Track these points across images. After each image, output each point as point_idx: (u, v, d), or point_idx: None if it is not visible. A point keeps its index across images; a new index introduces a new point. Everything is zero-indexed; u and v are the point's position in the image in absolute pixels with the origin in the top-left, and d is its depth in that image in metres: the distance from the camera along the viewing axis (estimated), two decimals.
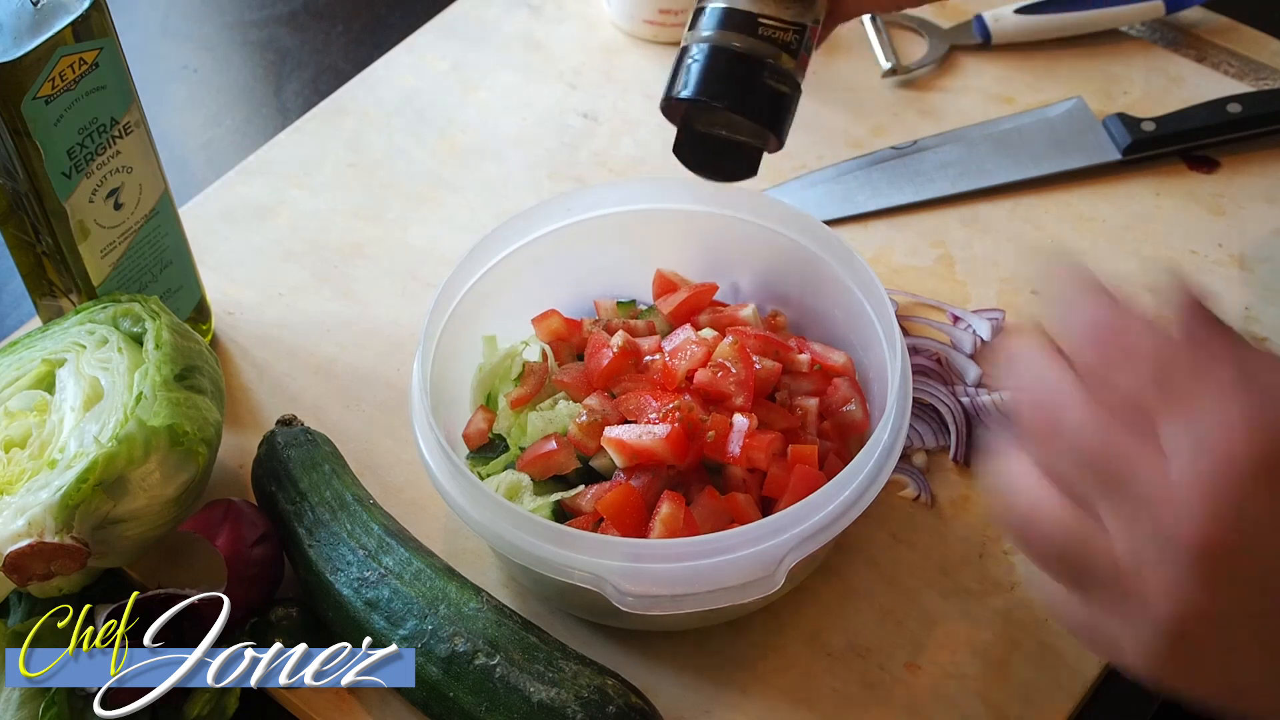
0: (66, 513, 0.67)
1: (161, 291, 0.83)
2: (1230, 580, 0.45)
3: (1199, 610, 0.45)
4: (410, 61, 1.06)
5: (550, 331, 0.79)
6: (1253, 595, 0.45)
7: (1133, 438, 0.47)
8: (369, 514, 0.74)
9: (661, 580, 0.66)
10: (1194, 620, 0.46)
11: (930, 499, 0.79)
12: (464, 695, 0.66)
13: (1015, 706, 0.70)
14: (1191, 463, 0.45)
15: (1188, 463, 0.45)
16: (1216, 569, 0.45)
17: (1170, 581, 0.45)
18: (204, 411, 0.72)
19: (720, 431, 0.71)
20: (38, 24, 0.69)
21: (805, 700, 0.71)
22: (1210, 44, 1.04)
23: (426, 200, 0.97)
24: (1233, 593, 0.45)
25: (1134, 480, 0.47)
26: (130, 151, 0.77)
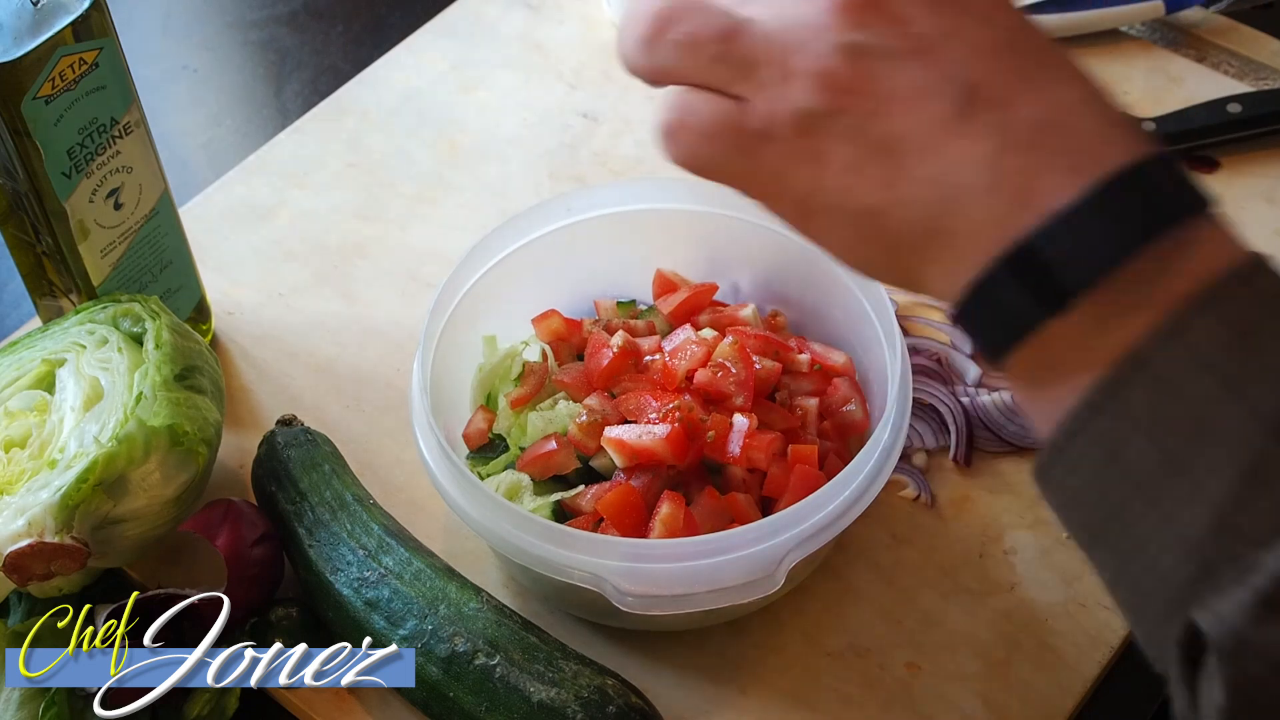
0: (66, 513, 0.67)
1: (161, 291, 0.83)
2: (886, 27, 0.46)
3: (849, 75, 0.46)
4: (410, 61, 1.06)
5: (550, 331, 0.79)
6: (904, 38, 0.46)
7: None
8: (369, 514, 0.74)
9: (661, 580, 0.66)
10: (845, 87, 0.46)
11: (930, 499, 0.79)
12: (464, 695, 0.66)
13: (1015, 706, 0.70)
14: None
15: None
16: (868, 17, 0.46)
17: (820, 53, 0.46)
18: (204, 411, 0.72)
19: (720, 431, 0.71)
20: (38, 24, 0.69)
21: (805, 700, 0.71)
22: (1210, 44, 1.04)
23: (426, 200, 0.97)
24: (882, 39, 0.46)
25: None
26: (130, 151, 0.77)
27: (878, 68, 0.46)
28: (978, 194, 0.45)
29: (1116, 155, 0.44)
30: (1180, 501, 0.43)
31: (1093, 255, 0.44)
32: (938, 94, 0.45)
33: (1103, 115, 0.46)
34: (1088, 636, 0.73)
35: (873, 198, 0.46)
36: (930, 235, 0.46)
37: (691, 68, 0.49)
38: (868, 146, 0.46)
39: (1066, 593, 0.74)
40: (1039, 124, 0.45)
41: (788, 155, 0.47)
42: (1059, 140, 0.45)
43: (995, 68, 0.46)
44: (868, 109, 0.46)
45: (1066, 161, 0.44)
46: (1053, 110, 0.45)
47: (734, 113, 0.48)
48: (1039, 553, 0.76)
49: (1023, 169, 0.45)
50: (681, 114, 0.49)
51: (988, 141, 0.45)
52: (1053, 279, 0.44)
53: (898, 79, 0.46)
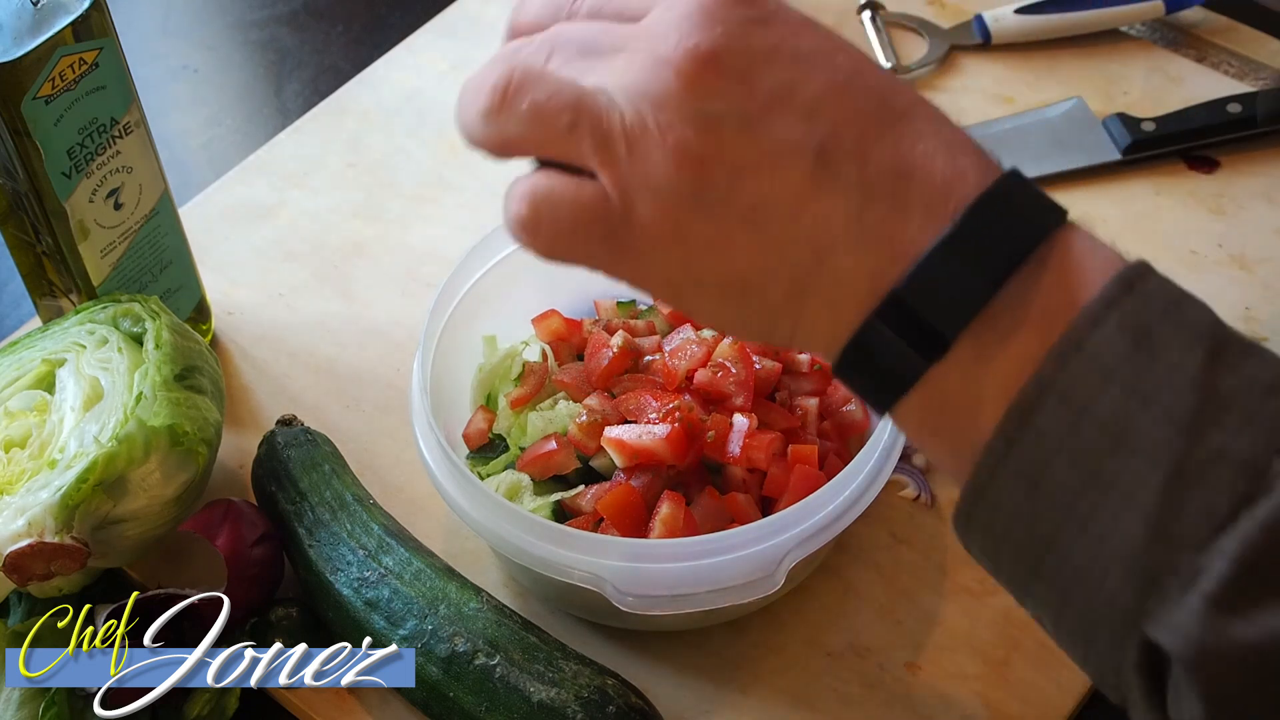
0: (66, 513, 0.67)
1: (161, 291, 0.83)
2: (734, 90, 0.45)
3: (703, 146, 0.45)
4: (410, 61, 1.06)
5: (550, 331, 0.79)
6: (752, 100, 0.45)
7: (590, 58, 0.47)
8: (369, 514, 0.74)
9: (661, 580, 0.66)
10: (700, 159, 0.45)
11: (930, 499, 0.79)
12: (464, 695, 0.66)
13: (1015, 706, 0.70)
14: (659, 17, 0.46)
15: (658, 16, 0.46)
16: (715, 83, 0.45)
17: (672, 127, 0.45)
18: (204, 411, 0.72)
19: (720, 431, 0.71)
20: (38, 24, 0.69)
21: (805, 700, 0.71)
22: (1210, 44, 1.04)
23: (426, 200, 0.97)
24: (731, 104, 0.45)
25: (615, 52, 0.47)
26: (130, 151, 0.77)
27: (730, 135, 0.45)
28: (844, 250, 0.45)
29: (968, 187, 0.44)
30: (1111, 518, 0.42)
31: (961, 295, 0.44)
32: (793, 154, 0.45)
33: (950, 148, 0.45)
34: None
35: (741, 268, 0.46)
36: (802, 296, 0.46)
37: (540, 139, 0.47)
38: (730, 218, 0.45)
39: None
40: (894, 172, 0.45)
41: (650, 236, 0.46)
42: (914, 186, 0.45)
43: (844, 117, 0.45)
44: (726, 179, 0.45)
45: (923, 206, 0.44)
46: (905, 155, 0.45)
47: (593, 199, 0.47)
48: None
49: (883, 220, 0.44)
50: (536, 205, 0.48)
51: (848, 197, 0.45)
52: (926, 326, 0.44)
53: (752, 144, 0.45)
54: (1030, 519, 0.44)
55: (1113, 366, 0.42)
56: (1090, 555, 0.43)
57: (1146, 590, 0.42)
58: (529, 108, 0.47)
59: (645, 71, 0.45)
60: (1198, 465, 0.41)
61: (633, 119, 0.45)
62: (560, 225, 0.48)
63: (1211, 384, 0.42)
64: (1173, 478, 0.41)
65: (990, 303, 0.44)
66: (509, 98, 0.48)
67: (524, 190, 0.48)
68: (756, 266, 0.46)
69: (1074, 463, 0.43)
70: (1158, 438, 0.42)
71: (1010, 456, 0.43)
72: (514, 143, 0.49)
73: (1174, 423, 0.42)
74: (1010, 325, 0.44)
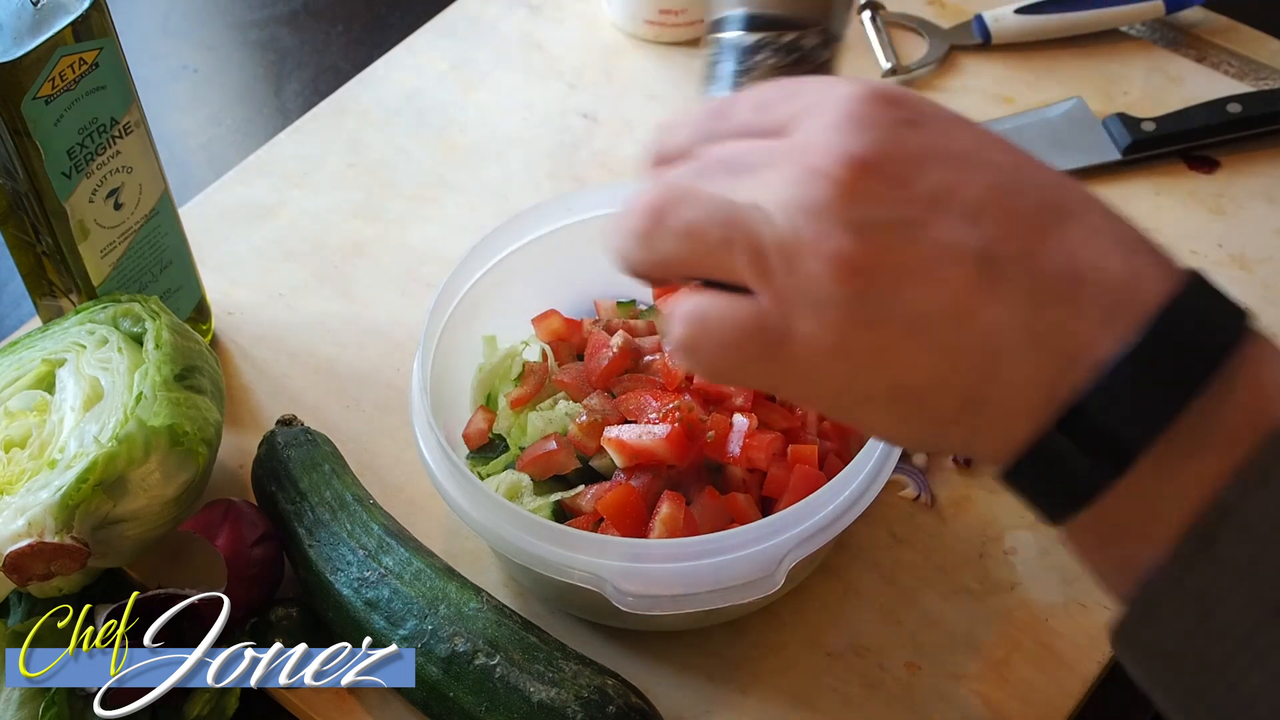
0: (66, 513, 0.67)
1: (161, 291, 0.83)
2: (890, 195, 0.43)
3: (863, 254, 0.43)
4: (410, 61, 1.06)
5: (550, 331, 0.79)
6: (910, 204, 0.43)
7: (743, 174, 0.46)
8: (369, 514, 0.74)
9: (661, 580, 0.66)
10: (860, 268, 0.43)
11: (930, 499, 0.79)
12: (464, 695, 0.66)
13: (1015, 706, 0.70)
14: (808, 128, 0.45)
15: (807, 128, 0.45)
16: (871, 187, 0.43)
17: (829, 236, 0.43)
18: (204, 411, 0.72)
19: (720, 431, 0.71)
20: (38, 24, 0.69)
21: (805, 700, 0.71)
22: (1210, 44, 1.04)
23: (426, 200, 0.97)
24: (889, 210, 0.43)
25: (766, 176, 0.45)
26: (130, 151, 0.77)
27: (889, 240, 0.43)
28: (1017, 356, 0.43)
29: (1148, 294, 0.42)
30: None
31: (1149, 409, 0.41)
32: (956, 260, 0.43)
33: (1125, 247, 0.44)
34: (1088, 636, 0.73)
35: (909, 379, 0.44)
36: (974, 405, 0.44)
37: (694, 258, 0.46)
38: (895, 328, 0.43)
39: (1066, 593, 0.74)
40: (1065, 274, 0.43)
41: (813, 351, 0.44)
42: (1088, 287, 0.42)
43: (1008, 218, 0.43)
44: (888, 288, 0.43)
45: (1100, 309, 0.42)
46: (1076, 256, 0.43)
47: (751, 315, 0.45)
48: (1039, 553, 0.76)
49: (1058, 325, 0.42)
50: (695, 326, 0.47)
51: (1017, 301, 0.43)
52: (1112, 439, 0.42)
53: (912, 250, 0.43)
54: (1200, 646, 0.42)
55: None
56: (1262, 688, 0.41)
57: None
58: (682, 226, 0.46)
59: (798, 183, 0.44)
60: None
61: (787, 231, 0.44)
62: (720, 347, 0.46)
63: None
64: None
65: (1177, 417, 0.42)
66: (662, 217, 0.47)
67: (683, 313, 0.47)
68: (925, 377, 0.44)
69: (1253, 595, 0.41)
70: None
71: (1185, 582, 0.42)
72: (669, 263, 0.47)
73: None
74: (1195, 444, 0.42)
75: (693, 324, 0.47)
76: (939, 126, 0.45)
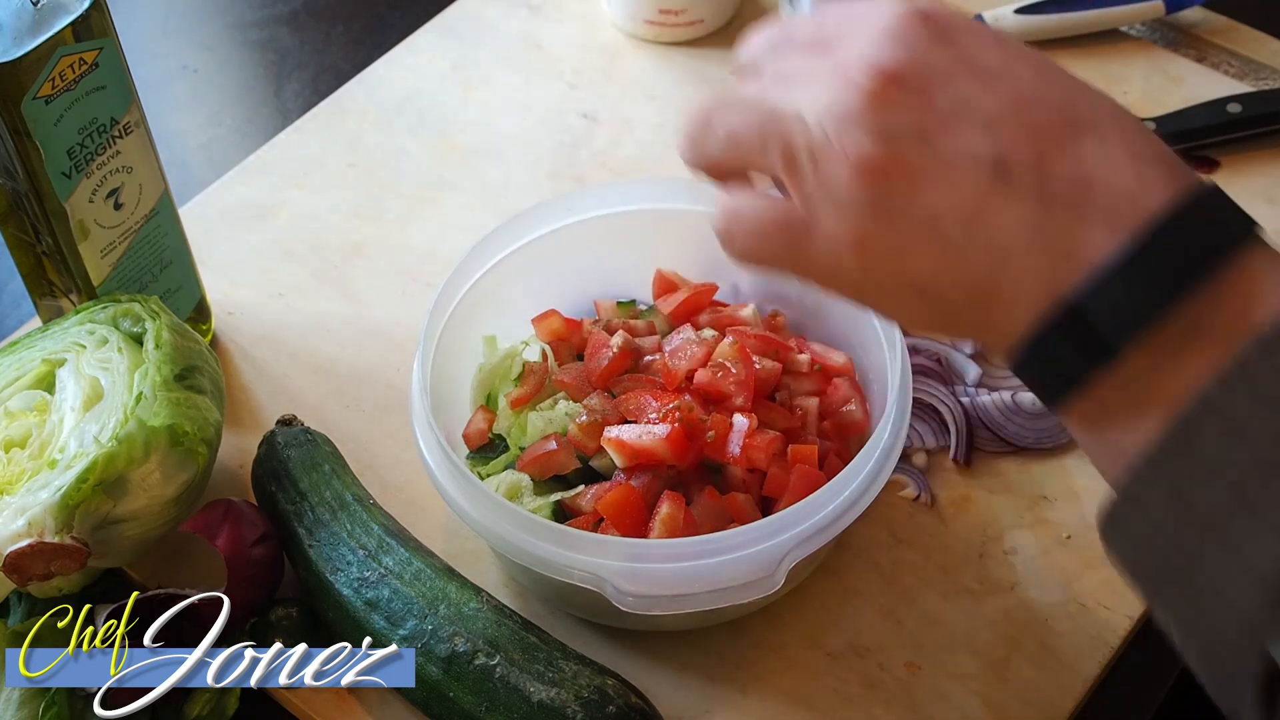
0: (66, 513, 0.67)
1: (161, 291, 0.83)
2: (913, 104, 0.47)
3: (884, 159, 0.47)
4: (410, 61, 1.06)
5: (550, 331, 0.79)
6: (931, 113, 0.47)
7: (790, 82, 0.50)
8: (369, 514, 0.74)
9: (661, 580, 0.66)
10: (880, 171, 0.47)
11: (930, 499, 0.79)
12: (464, 695, 0.66)
13: (1015, 706, 0.70)
14: (851, 44, 0.48)
15: (850, 43, 0.49)
16: (896, 97, 0.47)
17: (853, 141, 0.47)
18: (204, 411, 0.72)
19: (720, 431, 0.71)
20: (38, 24, 0.69)
21: (805, 700, 0.71)
22: (1210, 44, 1.04)
23: (426, 200, 0.97)
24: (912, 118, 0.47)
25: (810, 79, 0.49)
26: (130, 151, 0.77)
27: (909, 146, 0.47)
28: (1022, 255, 0.46)
29: (1153, 199, 0.45)
30: (1254, 540, 0.43)
31: (1134, 308, 0.45)
32: (971, 165, 0.46)
33: (1138, 159, 0.46)
34: (1088, 636, 0.73)
35: (922, 274, 0.48)
36: (981, 299, 0.47)
37: (737, 157, 0.52)
38: (909, 226, 0.47)
39: (1066, 593, 0.74)
40: (1076, 181, 0.46)
41: (834, 245, 0.49)
42: (1096, 195, 0.46)
43: (1023, 129, 0.46)
44: (905, 190, 0.47)
45: (1106, 216, 0.45)
46: (1088, 165, 0.46)
47: (779, 210, 0.50)
48: (1039, 553, 0.76)
49: (1064, 228, 0.46)
50: (730, 218, 0.52)
51: (1027, 205, 0.46)
52: (1097, 334, 0.45)
53: (930, 155, 0.47)
54: (1176, 530, 0.45)
55: (1277, 397, 0.43)
56: (1228, 572, 0.43)
57: (1277, 609, 0.42)
58: (724, 131, 0.52)
59: (833, 92, 0.48)
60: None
61: (818, 135, 0.48)
62: (750, 236, 0.52)
63: None
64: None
65: (1163, 317, 0.44)
66: (708, 122, 0.52)
67: (722, 206, 0.53)
68: (935, 273, 0.48)
69: (1228, 486, 0.43)
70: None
71: (1165, 469, 0.44)
72: (719, 163, 0.53)
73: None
74: (1183, 340, 0.44)
75: (728, 215, 0.52)
76: (970, 42, 0.48)
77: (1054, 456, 0.80)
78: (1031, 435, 0.80)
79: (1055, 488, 0.79)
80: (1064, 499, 0.78)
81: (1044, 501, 0.78)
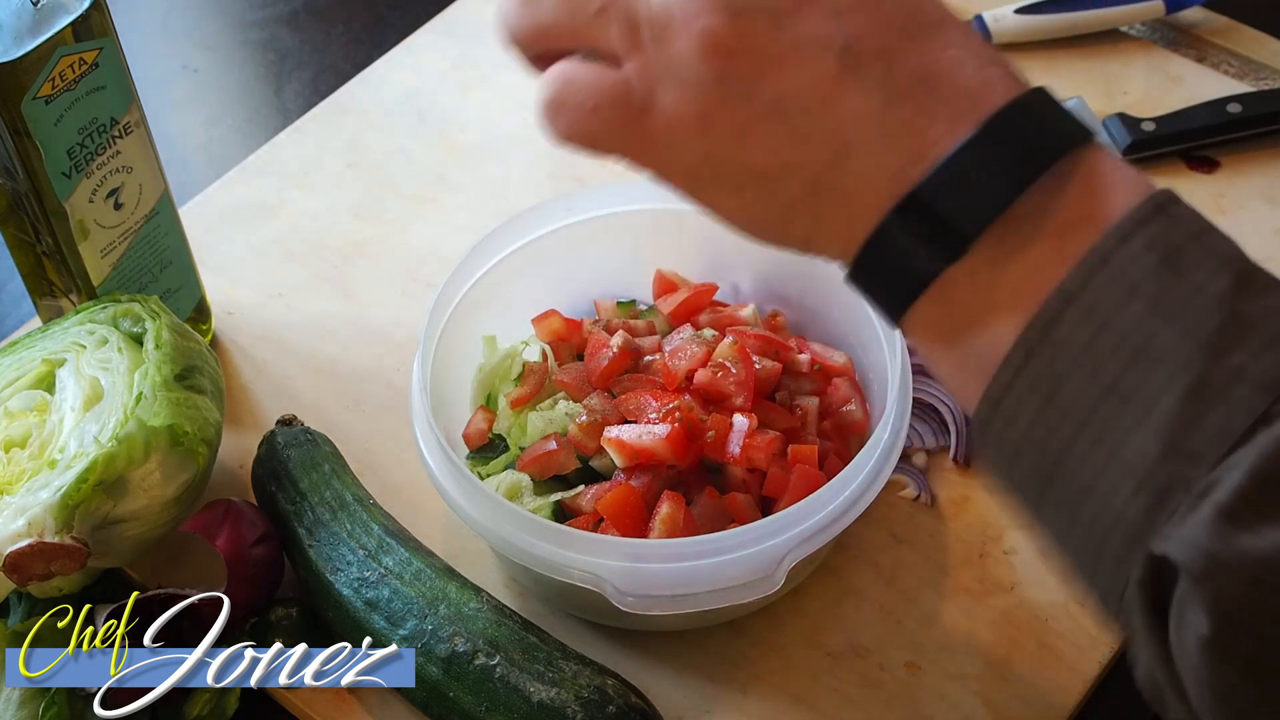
0: (66, 513, 0.67)
1: (161, 291, 0.83)
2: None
3: (731, 36, 0.45)
4: (410, 61, 1.06)
5: (550, 331, 0.79)
6: None
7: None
8: (369, 514, 0.74)
9: (661, 580, 0.66)
10: (727, 49, 0.45)
11: (930, 499, 0.79)
12: (464, 695, 0.66)
13: (1015, 706, 0.70)
14: None
15: None
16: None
17: (702, 15, 0.45)
18: (204, 411, 0.72)
19: (720, 431, 0.71)
20: (38, 24, 0.69)
21: (805, 700, 0.71)
22: (1210, 44, 1.04)
23: (426, 200, 0.97)
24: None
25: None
26: (130, 151, 0.77)
27: (758, 26, 0.45)
28: (867, 148, 0.45)
29: (996, 98, 0.45)
30: (1126, 431, 0.42)
31: (982, 197, 0.44)
32: (820, 50, 0.45)
33: (980, 60, 0.46)
34: (1088, 636, 0.73)
35: (763, 160, 0.46)
36: (822, 193, 0.46)
37: (570, 25, 0.49)
38: (754, 109, 0.46)
39: (1066, 593, 0.74)
40: (921, 76, 0.45)
41: (673, 124, 0.47)
42: (941, 90, 0.45)
43: (872, 20, 0.46)
44: (751, 70, 0.46)
45: (949, 110, 0.45)
46: (932, 62, 0.46)
47: (616, 82, 0.48)
48: (1039, 553, 0.76)
49: (908, 121, 0.45)
50: (562, 87, 0.49)
51: (873, 96, 0.45)
52: (945, 225, 0.44)
53: (779, 37, 0.45)
54: (1045, 431, 0.44)
55: (1138, 282, 0.43)
56: (1102, 468, 0.43)
57: (1157, 505, 0.42)
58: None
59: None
60: (1217, 383, 0.41)
61: (661, 6, 0.46)
62: (582, 110, 0.48)
63: (1236, 307, 0.42)
64: (1191, 394, 0.42)
65: (1012, 206, 0.44)
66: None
67: (552, 74, 0.49)
68: (777, 159, 0.46)
69: (1092, 375, 0.43)
70: (1178, 354, 0.42)
71: (1028, 367, 0.44)
72: (548, 28, 0.49)
73: (1196, 340, 0.42)
74: (1031, 232, 0.44)
75: (560, 83, 0.49)
76: None
77: None
78: None
79: None
80: None
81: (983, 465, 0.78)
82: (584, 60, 0.49)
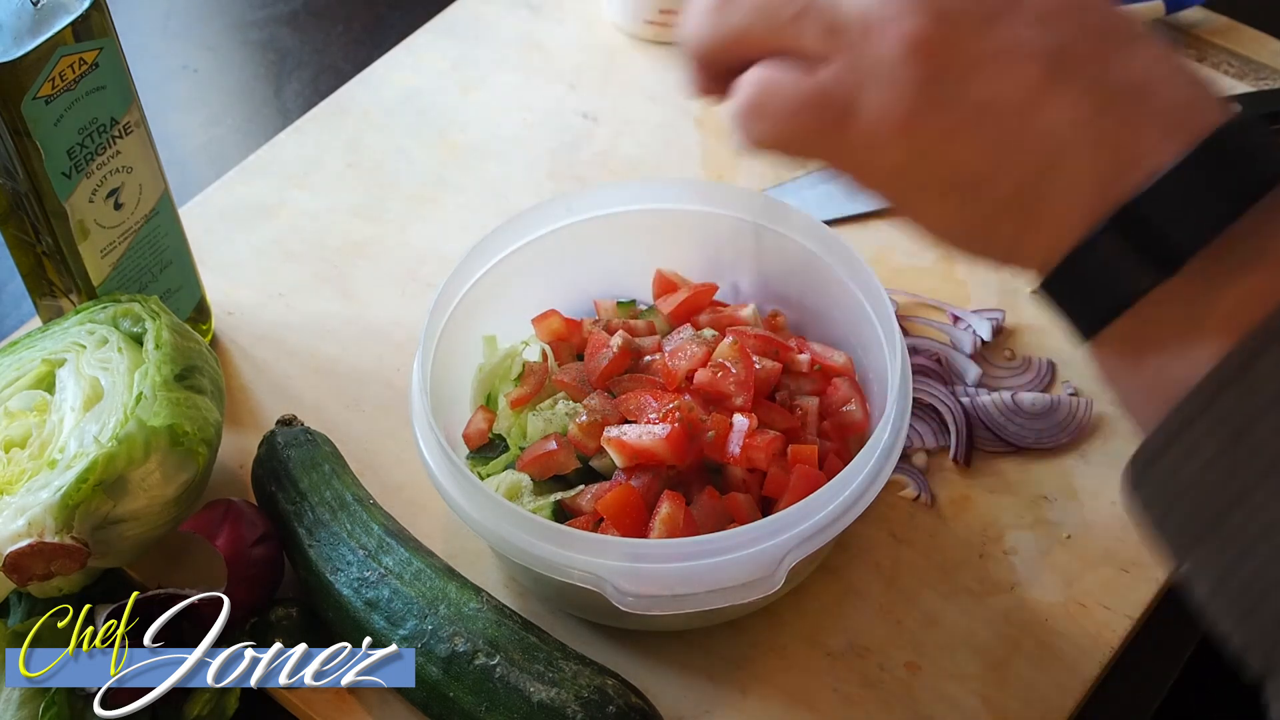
0: (66, 513, 0.67)
1: (161, 291, 0.83)
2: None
3: (939, 38, 0.44)
4: (410, 61, 1.06)
5: (550, 331, 0.79)
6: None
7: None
8: (369, 514, 0.74)
9: (661, 580, 0.66)
10: (935, 50, 0.44)
11: (930, 499, 0.79)
12: (464, 695, 0.66)
13: (1015, 706, 0.70)
14: None
15: None
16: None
17: (908, 15, 0.44)
18: (204, 411, 0.72)
19: (720, 431, 0.71)
20: (38, 24, 0.69)
21: (805, 700, 0.71)
22: (1210, 44, 1.04)
23: (426, 200, 0.97)
24: (976, 1, 0.45)
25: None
26: (130, 151, 0.77)
27: (965, 28, 0.44)
28: (1077, 155, 0.44)
29: (1209, 115, 0.44)
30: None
31: (1203, 215, 0.42)
32: (1027, 55, 0.44)
33: (1184, 76, 0.45)
34: (1088, 636, 0.73)
35: (968, 165, 0.45)
36: (1029, 200, 0.45)
37: (765, 29, 0.47)
38: (961, 112, 0.44)
39: (1066, 593, 0.74)
40: (1131, 86, 0.44)
41: (876, 127, 0.45)
42: (1151, 102, 0.44)
43: (1079, 28, 0.45)
44: (957, 73, 0.44)
45: (1162, 123, 0.44)
46: (1140, 73, 0.44)
47: (818, 85, 0.46)
48: (1039, 553, 0.76)
49: (1121, 129, 0.44)
50: (763, 89, 0.47)
51: (1082, 103, 0.44)
52: (1162, 240, 0.43)
53: (984, 40, 0.44)
54: (1226, 470, 0.42)
55: None
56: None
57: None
58: (752, 1, 0.47)
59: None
60: None
61: (862, 8, 0.45)
62: (783, 113, 0.47)
63: None
64: None
65: (1230, 227, 0.42)
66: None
67: (751, 78, 0.48)
68: (984, 165, 0.45)
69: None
70: None
71: (1219, 402, 0.42)
72: (741, 35, 0.48)
73: None
74: (1246, 257, 0.42)
75: (760, 87, 0.47)
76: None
77: (1054, 456, 0.80)
78: (1031, 435, 0.80)
79: (1055, 488, 0.79)
80: (1064, 499, 0.78)
81: (1044, 501, 0.78)
82: (781, 65, 0.47)
